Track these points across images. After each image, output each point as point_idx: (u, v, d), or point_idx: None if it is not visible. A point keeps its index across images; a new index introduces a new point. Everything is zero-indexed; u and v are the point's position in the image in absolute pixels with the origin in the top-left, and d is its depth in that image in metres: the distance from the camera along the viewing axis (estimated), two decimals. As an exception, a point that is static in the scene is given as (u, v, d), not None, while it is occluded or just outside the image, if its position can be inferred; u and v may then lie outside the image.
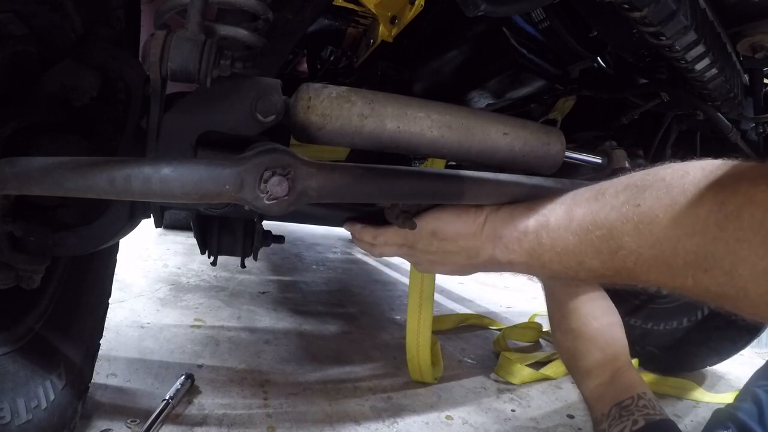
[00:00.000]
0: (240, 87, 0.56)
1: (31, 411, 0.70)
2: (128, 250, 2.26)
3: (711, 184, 0.41)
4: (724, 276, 0.39)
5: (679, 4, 0.59)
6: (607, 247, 0.47)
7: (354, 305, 2.18)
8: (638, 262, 0.45)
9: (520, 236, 0.57)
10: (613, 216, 0.47)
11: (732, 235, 0.38)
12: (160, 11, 0.54)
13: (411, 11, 0.97)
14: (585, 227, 0.49)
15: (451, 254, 0.64)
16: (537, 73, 0.93)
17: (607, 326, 0.84)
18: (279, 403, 1.15)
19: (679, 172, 0.45)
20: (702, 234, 0.40)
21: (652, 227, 0.43)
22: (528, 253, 0.56)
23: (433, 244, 0.65)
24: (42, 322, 0.77)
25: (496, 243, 0.60)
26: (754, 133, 1.01)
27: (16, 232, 0.62)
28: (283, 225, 2.60)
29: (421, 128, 0.60)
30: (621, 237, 0.46)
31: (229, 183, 0.49)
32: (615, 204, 0.47)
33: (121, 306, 1.63)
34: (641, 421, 0.71)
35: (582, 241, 0.50)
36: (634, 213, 0.45)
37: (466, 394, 1.37)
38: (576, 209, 0.52)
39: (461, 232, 0.62)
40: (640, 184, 0.47)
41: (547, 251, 0.54)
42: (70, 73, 0.63)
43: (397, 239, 0.69)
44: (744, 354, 1.79)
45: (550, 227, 0.54)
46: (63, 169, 0.48)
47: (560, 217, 0.53)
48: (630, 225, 0.45)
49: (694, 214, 0.41)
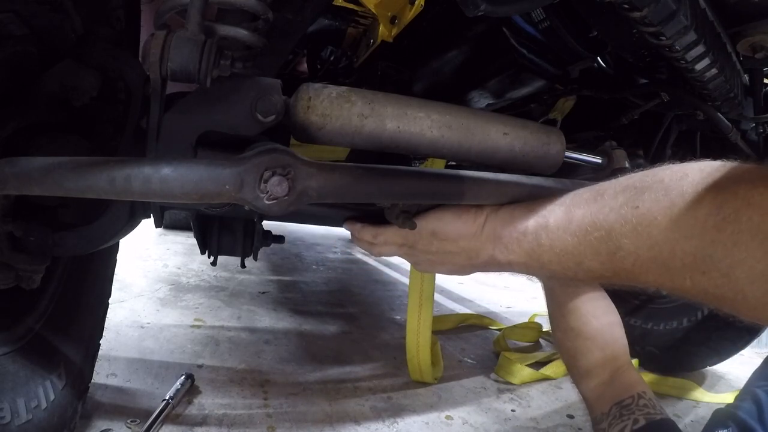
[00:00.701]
0: (240, 87, 0.56)
1: (31, 411, 0.70)
2: (128, 250, 2.26)
3: (709, 186, 0.41)
4: (722, 278, 0.39)
5: (679, 4, 0.59)
6: (605, 248, 0.48)
7: (354, 305, 2.18)
8: (636, 263, 0.46)
9: (520, 237, 0.57)
10: (612, 217, 0.47)
11: (730, 238, 0.38)
12: (160, 11, 0.54)
13: (411, 11, 0.97)
14: (584, 228, 0.50)
15: (451, 254, 0.64)
16: (537, 73, 0.93)
17: (606, 326, 0.84)
18: (279, 403, 1.15)
19: (678, 173, 0.45)
20: (700, 236, 0.40)
21: (651, 229, 0.43)
22: (527, 254, 0.57)
23: (434, 244, 0.65)
24: (42, 322, 0.77)
25: (495, 243, 0.60)
26: (754, 133, 1.01)
27: (16, 232, 0.62)
28: (283, 225, 2.60)
29: (421, 128, 0.60)
30: (619, 239, 0.46)
31: (229, 183, 0.49)
32: (614, 205, 0.48)
33: (121, 306, 1.63)
34: (642, 420, 0.71)
35: (581, 242, 0.50)
36: (632, 215, 0.45)
37: (466, 394, 1.37)
38: (575, 210, 0.52)
39: (461, 232, 0.62)
40: (638, 185, 0.47)
41: (546, 252, 0.54)
42: (70, 73, 0.63)
43: (397, 239, 0.69)
44: (744, 354, 1.79)
45: (549, 228, 0.54)
46: (63, 169, 0.48)
47: (559, 218, 0.53)
48: (628, 227, 0.45)
49: (693, 216, 0.41)
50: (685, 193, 0.42)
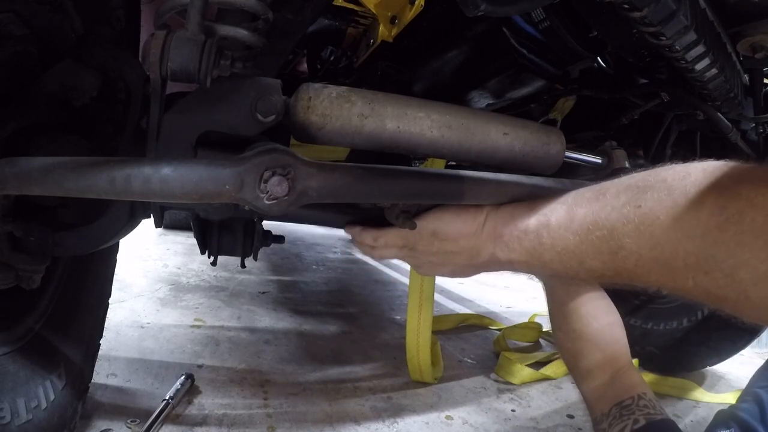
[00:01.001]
0: (240, 87, 0.56)
1: (31, 411, 0.70)
2: (128, 250, 2.25)
3: (712, 186, 0.41)
4: (724, 279, 0.39)
5: (679, 4, 0.59)
6: (607, 247, 0.47)
7: (354, 305, 2.18)
8: (639, 263, 0.45)
9: (521, 235, 0.57)
10: (614, 217, 0.47)
11: (733, 239, 0.38)
12: (160, 11, 0.54)
13: (411, 11, 0.97)
14: (586, 227, 0.49)
15: (452, 254, 0.64)
16: (537, 73, 0.93)
17: (607, 326, 0.84)
18: (279, 403, 1.15)
19: (681, 173, 0.45)
20: (703, 237, 0.40)
21: (653, 229, 0.43)
22: (528, 252, 0.56)
23: (434, 244, 0.65)
24: (42, 322, 0.77)
25: (496, 242, 0.60)
26: (754, 133, 1.01)
27: (16, 232, 0.62)
28: (283, 225, 2.61)
29: (421, 128, 0.60)
30: (622, 238, 0.46)
31: (229, 183, 0.49)
32: (616, 205, 0.47)
33: (121, 306, 1.63)
34: (642, 420, 0.71)
35: (582, 242, 0.50)
36: (635, 214, 0.45)
37: (466, 394, 1.37)
38: (577, 209, 0.52)
39: (462, 231, 0.62)
40: (641, 184, 0.47)
41: (548, 251, 0.54)
42: (70, 73, 0.63)
43: (397, 241, 0.69)
44: (744, 354, 1.79)
45: (550, 227, 0.54)
46: (63, 169, 0.48)
47: (561, 217, 0.53)
48: (631, 226, 0.45)
49: (696, 216, 0.41)
50: (688, 193, 0.42)
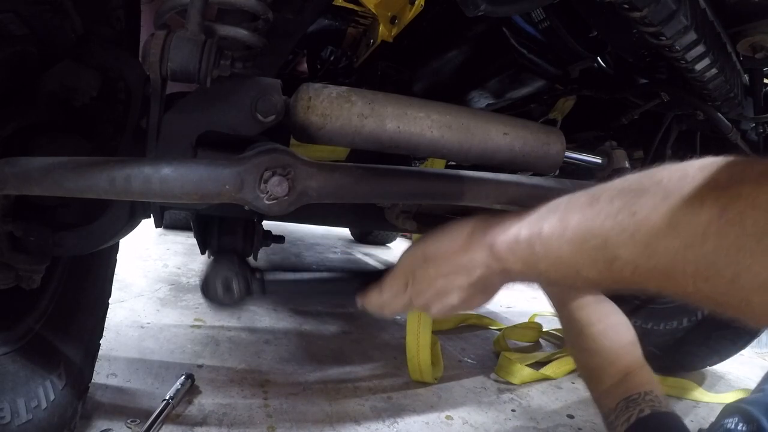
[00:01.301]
0: (240, 87, 0.56)
1: (31, 411, 0.70)
2: (128, 250, 2.25)
3: (711, 186, 0.39)
4: (726, 285, 0.37)
5: (679, 4, 0.59)
6: (602, 257, 0.45)
7: (354, 305, 2.18)
8: (636, 272, 0.43)
9: (512, 244, 0.54)
10: (608, 225, 0.44)
11: (734, 243, 0.36)
12: (160, 11, 0.54)
13: (411, 11, 0.97)
14: (580, 236, 0.47)
15: (451, 276, 0.61)
16: (537, 73, 0.93)
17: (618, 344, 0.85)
18: (279, 403, 1.15)
19: (677, 173, 0.42)
20: (702, 245, 0.38)
21: (649, 238, 0.41)
22: (522, 262, 0.54)
23: (430, 269, 0.62)
24: (42, 322, 0.77)
25: (489, 251, 0.57)
26: (754, 133, 1.01)
27: (16, 232, 0.62)
28: (283, 225, 2.60)
29: (421, 128, 0.60)
30: (616, 248, 0.43)
31: (229, 183, 0.49)
32: (610, 211, 0.45)
33: (121, 306, 1.63)
34: (647, 410, 0.72)
35: (577, 251, 0.47)
36: (629, 222, 0.43)
37: (466, 394, 1.37)
38: (570, 216, 0.49)
39: (451, 247, 0.60)
40: (636, 188, 0.44)
41: (542, 260, 0.51)
42: (70, 73, 0.63)
43: (398, 279, 0.66)
44: (744, 354, 1.79)
45: (542, 236, 0.51)
46: (63, 169, 0.48)
47: (554, 226, 0.50)
48: (626, 235, 0.43)
49: (694, 222, 0.38)
50: (686, 196, 0.40)
